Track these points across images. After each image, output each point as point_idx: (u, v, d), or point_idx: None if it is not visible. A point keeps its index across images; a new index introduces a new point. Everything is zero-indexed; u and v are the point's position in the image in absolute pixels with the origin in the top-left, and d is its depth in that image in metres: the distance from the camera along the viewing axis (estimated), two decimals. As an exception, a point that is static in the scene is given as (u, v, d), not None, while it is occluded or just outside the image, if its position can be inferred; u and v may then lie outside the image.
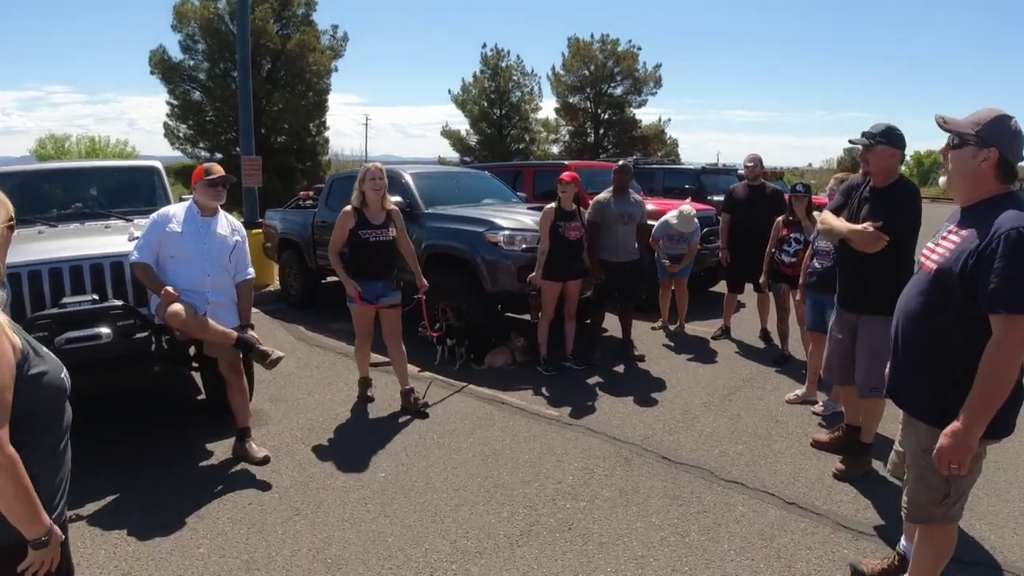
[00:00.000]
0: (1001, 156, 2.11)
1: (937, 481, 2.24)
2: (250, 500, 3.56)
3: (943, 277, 2.16)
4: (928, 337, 2.23)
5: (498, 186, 8.07)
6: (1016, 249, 1.95)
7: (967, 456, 2.06)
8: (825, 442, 4.19)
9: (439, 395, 5.15)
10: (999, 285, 1.95)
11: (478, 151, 35.09)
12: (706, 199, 10.08)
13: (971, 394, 2.03)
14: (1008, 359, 1.97)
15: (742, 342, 6.83)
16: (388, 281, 4.82)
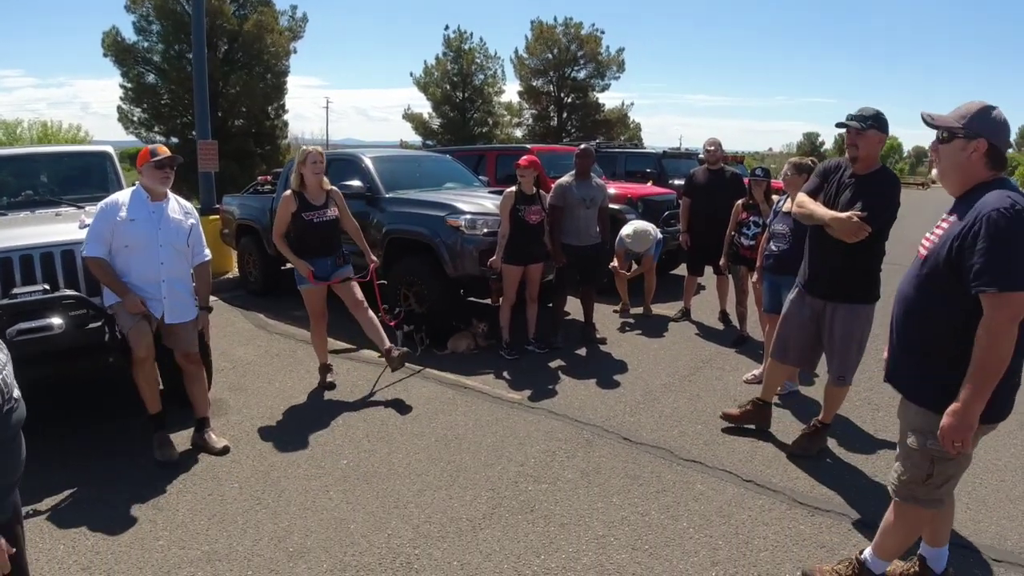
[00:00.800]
0: (990, 145, 2.16)
1: (921, 460, 2.29)
2: (210, 490, 3.52)
3: (932, 263, 2.21)
4: (921, 322, 2.28)
5: (460, 170, 8.03)
6: (997, 229, 1.99)
7: (968, 434, 2.09)
8: (735, 415, 4.27)
9: (402, 382, 5.13)
10: (983, 265, 2.00)
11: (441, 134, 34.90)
12: (667, 183, 10.17)
13: (968, 374, 2.07)
14: (999, 337, 2.01)
15: (702, 323, 6.93)
16: (335, 257, 4.88)
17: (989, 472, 3.80)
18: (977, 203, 2.09)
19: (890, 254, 3.68)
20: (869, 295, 3.65)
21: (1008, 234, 1.98)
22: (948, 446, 2.14)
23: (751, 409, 4.24)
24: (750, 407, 4.25)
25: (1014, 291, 1.98)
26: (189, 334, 3.91)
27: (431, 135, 35.35)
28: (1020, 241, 1.98)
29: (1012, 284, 1.98)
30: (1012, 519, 3.30)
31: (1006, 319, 2.00)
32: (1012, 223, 1.99)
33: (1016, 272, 1.98)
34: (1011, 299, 1.99)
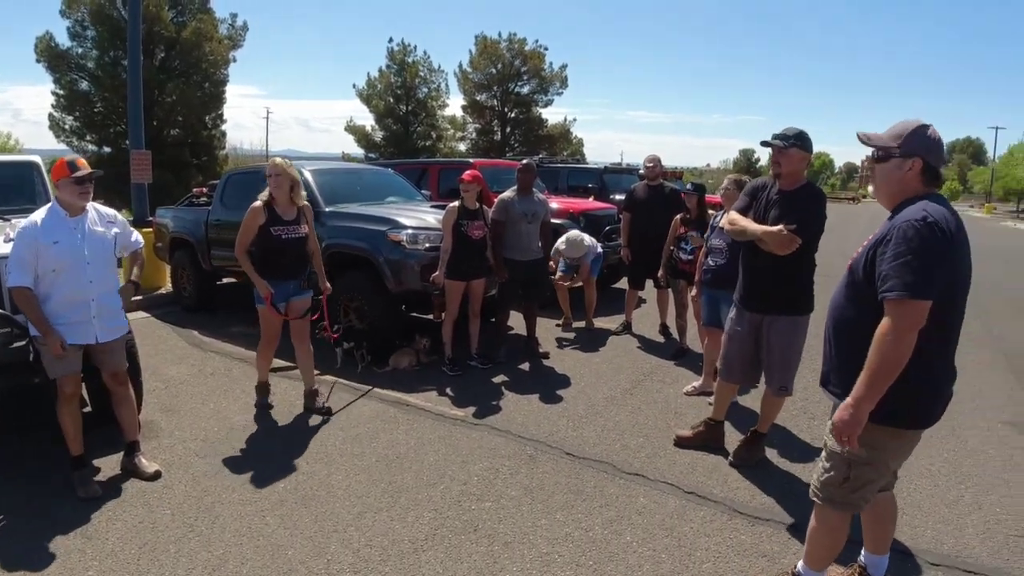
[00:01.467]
0: (926, 163, 2.23)
1: (840, 463, 2.34)
2: (141, 518, 3.36)
3: (854, 272, 2.30)
4: (848, 330, 2.34)
5: (401, 184, 7.96)
6: (906, 238, 2.05)
7: (857, 429, 2.14)
8: (688, 437, 4.29)
9: (342, 399, 5.02)
10: (889, 272, 2.07)
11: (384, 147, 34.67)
12: (608, 198, 10.32)
13: (863, 372, 2.12)
14: (897, 342, 2.05)
15: (643, 337, 7.02)
16: (300, 281, 4.69)
17: (923, 477, 3.95)
18: (896, 216, 2.16)
19: (828, 266, 3.80)
20: (804, 307, 3.75)
21: (915, 244, 2.04)
22: (838, 438, 2.20)
23: (703, 430, 4.28)
24: (702, 428, 4.29)
25: (916, 299, 2.03)
26: (118, 353, 3.75)
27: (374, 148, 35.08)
28: (926, 251, 2.04)
29: (914, 292, 2.03)
30: (947, 523, 3.43)
31: (906, 325, 2.05)
32: (920, 234, 2.04)
33: (919, 280, 2.03)
34: (912, 306, 2.04)
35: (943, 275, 2.08)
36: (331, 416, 4.71)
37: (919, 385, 2.18)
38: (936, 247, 2.05)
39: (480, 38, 35.65)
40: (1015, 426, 4.85)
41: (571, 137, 38.27)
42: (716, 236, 4.78)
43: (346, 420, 4.66)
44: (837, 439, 2.21)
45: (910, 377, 2.11)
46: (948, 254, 2.09)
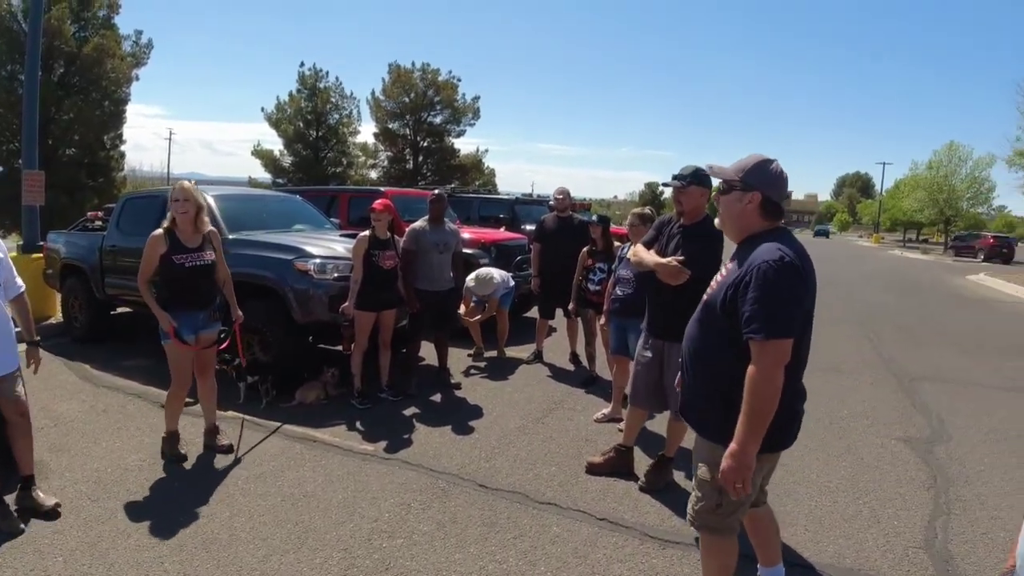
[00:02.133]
0: (764, 197, 2.32)
1: (710, 490, 2.41)
2: (31, 566, 3.10)
3: (710, 306, 2.38)
4: (702, 359, 2.43)
5: (310, 211, 7.80)
6: (765, 279, 2.13)
7: (747, 474, 2.18)
8: (599, 464, 4.36)
9: (245, 437, 4.79)
10: (752, 313, 2.13)
11: (292, 173, 33.84)
12: (519, 228, 10.44)
13: (741, 416, 2.16)
14: (767, 380, 2.12)
15: (553, 365, 7.10)
16: (209, 311, 4.43)
17: (823, 494, 4.16)
18: (752, 254, 2.24)
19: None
20: None
21: (774, 285, 2.13)
22: (730, 488, 2.22)
23: (614, 456, 4.35)
24: (613, 454, 4.36)
25: (779, 338, 2.11)
26: (14, 383, 3.49)
27: (282, 173, 34.18)
28: (785, 291, 2.15)
29: (777, 331, 2.11)
30: (848, 537, 3.60)
31: (772, 363, 2.12)
32: (778, 274, 2.13)
33: (781, 320, 2.12)
34: (776, 345, 2.12)
35: (800, 311, 2.20)
36: (233, 454, 4.50)
37: (778, 412, 2.24)
38: (794, 286, 2.16)
39: (393, 67, 35.57)
40: (907, 442, 5.18)
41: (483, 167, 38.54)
42: (623, 267, 4.92)
43: (250, 458, 4.47)
44: (729, 487, 2.22)
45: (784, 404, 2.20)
46: (803, 291, 2.21)
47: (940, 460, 4.84)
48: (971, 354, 9.07)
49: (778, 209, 2.37)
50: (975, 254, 39.22)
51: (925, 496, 4.20)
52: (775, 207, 2.35)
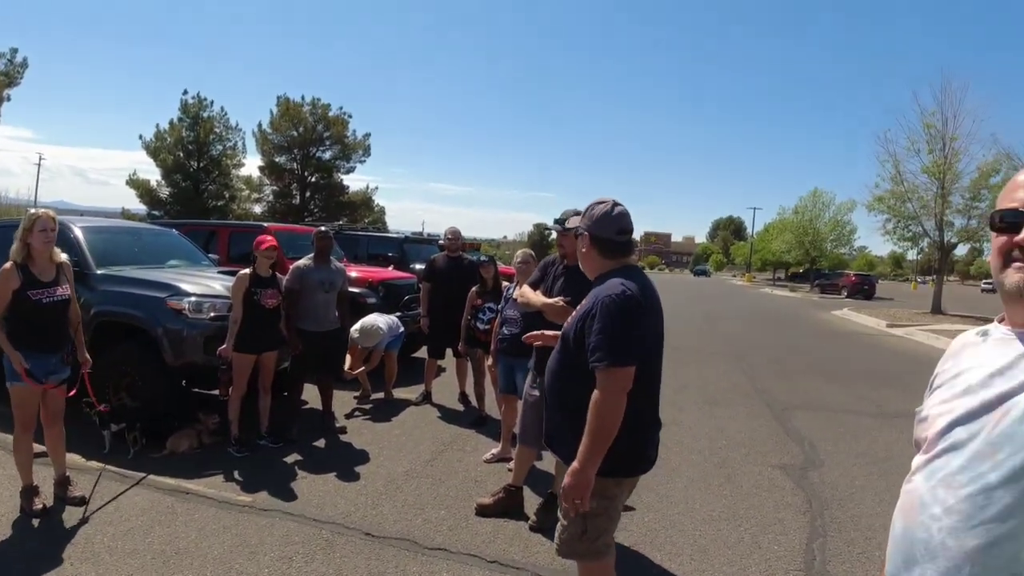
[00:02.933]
0: (592, 236, 2.51)
1: (575, 519, 2.44)
2: None
3: (566, 339, 2.50)
4: (563, 391, 2.51)
5: (186, 246, 7.40)
6: (607, 312, 2.29)
7: (585, 492, 2.29)
8: (489, 505, 4.32)
9: (111, 489, 4.40)
10: (596, 344, 2.28)
11: (170, 205, 32.21)
12: (409, 267, 10.35)
13: (584, 437, 2.28)
14: (608, 407, 2.25)
15: (443, 406, 7.01)
16: (63, 354, 4.05)
17: (706, 523, 4.29)
18: (598, 288, 2.42)
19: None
20: None
21: (616, 317, 2.29)
22: (569, 504, 2.33)
23: (503, 497, 4.31)
24: (502, 495, 4.32)
25: (620, 366, 2.26)
26: None
27: (158, 205, 32.46)
28: (626, 323, 2.30)
29: (619, 360, 2.25)
30: (732, 564, 3.73)
31: (615, 390, 2.26)
32: (620, 307, 2.30)
33: (622, 350, 2.27)
34: (618, 373, 2.26)
35: (641, 341, 2.34)
36: (86, 506, 4.10)
37: (633, 436, 2.39)
38: (633, 318, 2.31)
39: (283, 99, 34.85)
40: (783, 469, 5.44)
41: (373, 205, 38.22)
42: (510, 307, 4.94)
43: (116, 513, 4.09)
44: (569, 504, 2.33)
45: (625, 431, 2.32)
46: (643, 323, 2.36)
47: (814, 484, 5.12)
48: (838, 383, 9.74)
49: (612, 246, 2.53)
50: (839, 291, 42.45)
51: (802, 520, 4.43)
52: (607, 243, 2.52)
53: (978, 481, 1.10)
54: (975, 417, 1.16)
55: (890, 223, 27.35)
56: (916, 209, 25.90)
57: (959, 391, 1.22)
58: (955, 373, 1.28)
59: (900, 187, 26.28)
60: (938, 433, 1.21)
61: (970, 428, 1.15)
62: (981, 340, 1.29)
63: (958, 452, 1.16)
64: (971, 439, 1.14)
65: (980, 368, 1.21)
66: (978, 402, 1.16)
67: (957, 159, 24.67)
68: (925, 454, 1.24)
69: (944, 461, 1.18)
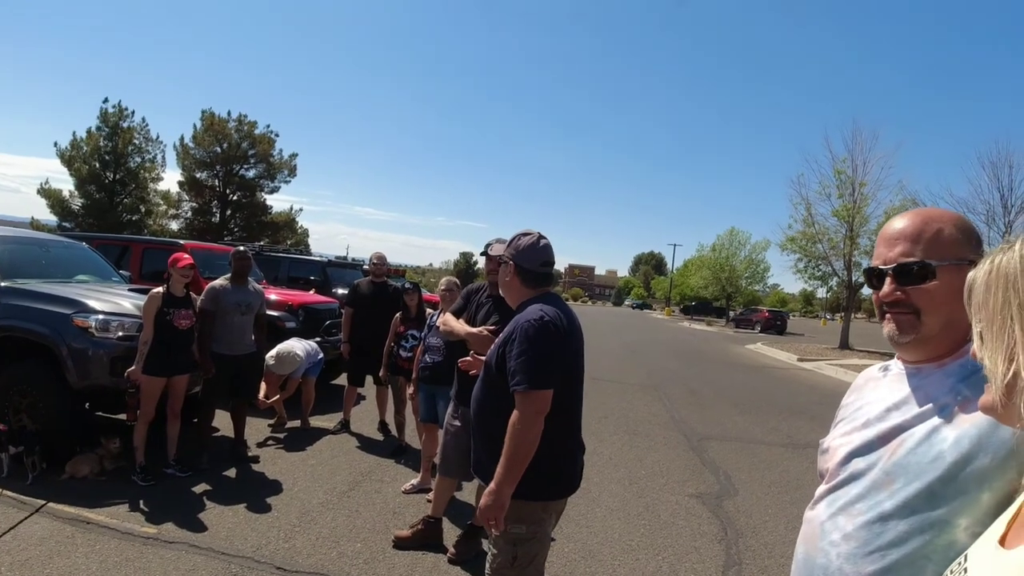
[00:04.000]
0: (517, 267, 2.58)
1: (506, 545, 2.44)
2: None
3: (488, 366, 2.53)
4: (489, 417, 2.52)
5: (97, 261, 7.06)
6: (527, 337, 2.34)
7: (500, 513, 2.31)
8: (407, 537, 4.25)
9: (7, 516, 4.13)
10: (515, 368, 2.33)
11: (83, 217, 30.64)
12: (331, 291, 10.17)
13: (501, 459, 2.30)
14: (525, 429, 2.28)
15: (362, 435, 6.86)
16: None
17: (625, 553, 4.35)
18: (518, 315, 2.49)
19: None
20: None
21: (534, 342, 2.34)
22: (486, 524, 2.36)
23: (423, 528, 4.24)
24: (421, 526, 4.25)
25: (538, 389, 2.30)
26: None
27: (70, 216, 30.82)
28: (544, 347, 2.35)
29: (537, 383, 2.30)
30: None
31: (533, 412, 2.30)
32: (539, 332, 2.35)
33: (540, 373, 2.32)
34: (536, 396, 2.30)
35: (560, 366, 2.39)
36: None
37: (557, 461, 2.43)
38: (552, 343, 2.37)
39: (207, 113, 33.84)
40: (699, 498, 5.57)
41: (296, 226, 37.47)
42: (433, 335, 4.91)
43: (12, 542, 3.82)
44: (485, 524, 2.35)
45: (549, 455, 2.37)
46: (562, 348, 2.42)
47: (729, 513, 5.26)
48: (751, 414, 10.08)
49: (535, 275, 2.61)
50: (753, 326, 44.06)
51: (718, 548, 4.54)
52: (531, 274, 2.60)
53: (875, 509, 1.16)
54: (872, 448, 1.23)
55: (801, 262, 28.76)
56: (826, 250, 27.32)
57: (859, 424, 1.29)
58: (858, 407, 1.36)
59: (811, 228, 27.70)
60: (838, 463, 1.28)
61: (868, 459, 1.22)
62: (882, 375, 1.37)
63: (857, 482, 1.22)
64: (869, 469, 1.21)
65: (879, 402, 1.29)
66: (875, 434, 1.23)
67: (866, 203, 26.23)
68: (827, 484, 1.31)
69: (844, 491, 1.24)
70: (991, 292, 0.89)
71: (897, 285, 1.23)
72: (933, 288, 1.19)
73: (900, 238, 1.25)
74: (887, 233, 1.28)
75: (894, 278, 1.24)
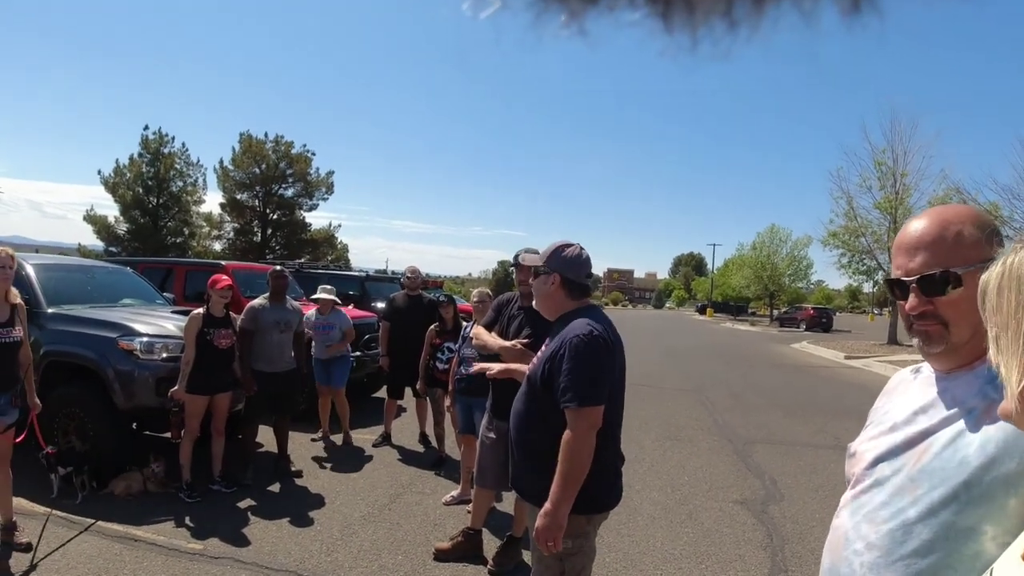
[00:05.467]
0: (563, 278, 2.53)
1: (552, 561, 2.42)
2: None
3: (532, 381, 2.49)
4: (530, 433, 2.50)
5: (141, 284, 7.28)
6: (576, 353, 2.31)
7: (559, 533, 2.28)
8: (447, 549, 4.25)
9: (58, 536, 4.23)
10: (566, 384, 2.29)
11: (128, 241, 31.56)
12: (370, 306, 10.27)
13: (556, 478, 2.28)
14: (580, 446, 2.26)
15: (402, 447, 6.91)
16: (12, 395, 3.94)
17: (667, 562, 4.32)
18: (564, 329, 2.44)
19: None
20: None
21: (585, 357, 2.31)
22: (543, 546, 2.32)
23: (462, 540, 4.24)
24: (461, 538, 4.25)
25: (591, 405, 2.28)
26: None
27: (116, 241, 31.76)
28: (595, 363, 2.32)
29: (589, 400, 2.28)
30: None
31: (586, 429, 2.28)
32: (589, 348, 2.32)
33: (592, 389, 2.30)
34: (588, 412, 2.28)
35: (609, 380, 2.37)
36: (34, 552, 3.94)
37: (600, 475, 2.40)
38: (602, 358, 2.35)
39: (245, 136, 34.61)
40: (744, 504, 5.46)
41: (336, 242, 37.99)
42: (468, 346, 4.92)
43: (62, 561, 3.92)
44: (542, 546, 2.32)
45: (592, 469, 2.33)
46: (612, 362, 2.40)
47: (775, 519, 5.14)
48: (797, 416, 9.86)
49: (580, 287, 2.57)
50: (798, 325, 43.20)
51: (763, 555, 4.44)
52: (576, 286, 2.56)
53: (898, 517, 1.12)
54: (898, 453, 1.19)
55: (845, 257, 28.16)
56: (870, 243, 26.70)
57: (886, 427, 1.26)
58: (886, 411, 1.31)
59: (853, 222, 27.11)
60: (864, 468, 1.24)
61: (893, 464, 1.18)
62: (913, 378, 1.33)
63: (881, 488, 1.18)
64: (894, 475, 1.17)
65: (906, 406, 1.25)
66: (902, 438, 1.20)
67: (908, 194, 25.59)
68: (852, 489, 1.27)
69: (868, 497, 1.21)
70: (1004, 295, 0.85)
71: (922, 297, 1.17)
72: (960, 296, 1.13)
73: (919, 246, 1.19)
74: (905, 241, 1.22)
75: (918, 290, 1.18)
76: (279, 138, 35.04)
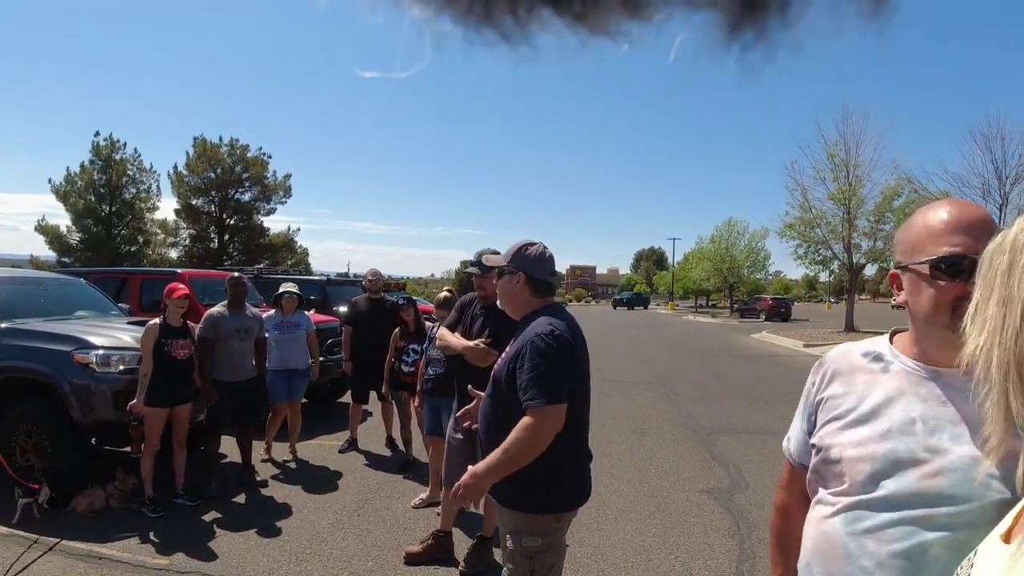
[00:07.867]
0: (528, 276, 2.55)
1: (522, 559, 2.42)
2: None
3: (497, 382, 2.50)
4: (496, 431, 2.48)
5: (94, 296, 7.09)
6: (538, 351, 2.32)
7: (478, 497, 2.33)
8: (418, 552, 4.24)
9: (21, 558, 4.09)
10: (528, 383, 2.30)
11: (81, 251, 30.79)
12: (331, 310, 10.16)
13: (498, 450, 2.29)
14: (534, 440, 2.26)
15: (369, 452, 6.85)
16: None
17: (638, 554, 4.38)
18: (527, 328, 2.46)
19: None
20: None
21: (546, 356, 2.32)
22: (462, 500, 2.35)
23: (433, 543, 4.23)
24: (431, 541, 4.24)
25: (552, 404, 2.29)
26: None
27: (69, 251, 30.96)
28: (556, 361, 2.33)
29: (552, 398, 2.28)
30: None
31: (547, 427, 2.28)
32: (550, 346, 2.34)
33: (554, 388, 2.30)
34: (551, 410, 2.29)
35: (570, 379, 2.38)
36: None
37: (568, 473, 2.43)
38: (563, 356, 2.36)
39: (199, 140, 33.98)
40: (710, 493, 5.55)
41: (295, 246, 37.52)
42: (434, 347, 4.91)
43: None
44: (461, 500, 2.35)
45: (559, 467, 2.36)
46: (573, 360, 2.41)
47: (741, 507, 5.25)
48: (759, 404, 10.05)
49: (545, 285, 2.60)
50: (757, 315, 43.99)
51: (731, 543, 4.53)
52: (541, 283, 2.58)
53: (912, 537, 1.09)
54: (902, 468, 1.14)
55: (801, 248, 28.75)
56: (825, 234, 27.30)
57: (877, 434, 1.20)
58: (855, 404, 1.27)
59: (808, 214, 27.70)
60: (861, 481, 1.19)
61: (900, 481, 1.14)
62: (878, 368, 1.29)
63: (887, 505, 1.14)
64: (903, 493, 1.13)
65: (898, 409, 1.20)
66: (906, 453, 1.15)
67: (861, 185, 26.23)
68: (845, 496, 1.22)
69: (870, 513, 1.16)
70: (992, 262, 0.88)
71: None
72: None
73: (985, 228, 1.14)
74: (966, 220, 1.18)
75: None
76: (234, 141, 34.52)
